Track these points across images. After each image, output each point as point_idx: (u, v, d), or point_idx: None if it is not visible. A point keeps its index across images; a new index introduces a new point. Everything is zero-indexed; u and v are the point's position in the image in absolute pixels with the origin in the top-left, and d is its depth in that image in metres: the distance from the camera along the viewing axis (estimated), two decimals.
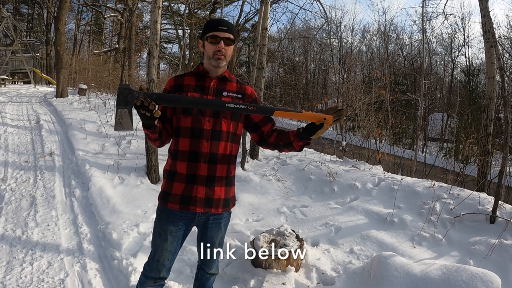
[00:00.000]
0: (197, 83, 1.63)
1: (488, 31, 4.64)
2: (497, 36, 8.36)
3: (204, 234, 1.72)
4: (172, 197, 1.62)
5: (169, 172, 1.66)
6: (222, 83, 1.65)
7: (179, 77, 1.67)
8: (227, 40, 1.57)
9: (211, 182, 1.61)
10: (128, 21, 15.36)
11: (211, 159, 1.60)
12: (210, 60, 1.58)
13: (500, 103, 9.55)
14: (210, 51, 1.57)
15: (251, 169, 4.83)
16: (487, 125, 4.67)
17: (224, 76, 1.65)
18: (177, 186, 1.62)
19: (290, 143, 1.62)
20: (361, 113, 6.21)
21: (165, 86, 1.67)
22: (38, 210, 3.56)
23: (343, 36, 26.91)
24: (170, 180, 1.64)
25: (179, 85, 1.63)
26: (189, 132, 1.58)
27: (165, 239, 1.64)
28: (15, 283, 2.34)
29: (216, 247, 1.75)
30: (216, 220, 1.69)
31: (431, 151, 13.90)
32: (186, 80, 1.65)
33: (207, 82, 1.63)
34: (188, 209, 1.61)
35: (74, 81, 19.78)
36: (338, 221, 3.31)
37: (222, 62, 1.58)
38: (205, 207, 1.62)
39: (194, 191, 1.60)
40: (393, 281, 2.19)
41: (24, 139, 6.43)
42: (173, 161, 1.64)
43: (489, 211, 3.12)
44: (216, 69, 1.61)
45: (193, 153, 1.59)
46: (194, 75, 1.66)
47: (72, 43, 29.72)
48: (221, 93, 1.63)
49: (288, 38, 22.34)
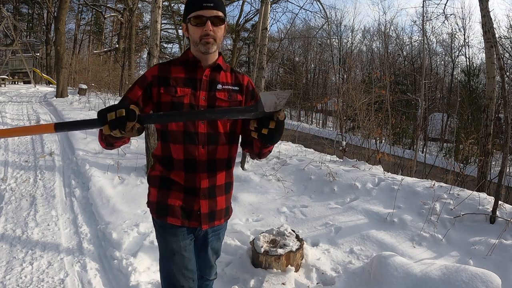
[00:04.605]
0: (187, 75, 1.35)
1: (488, 31, 4.64)
2: (497, 36, 8.35)
3: (204, 248, 1.53)
4: (171, 209, 1.37)
5: (162, 179, 1.39)
6: (216, 74, 1.38)
7: (164, 66, 1.37)
8: (215, 19, 1.27)
9: (213, 193, 1.40)
10: (128, 21, 15.36)
11: (210, 167, 1.37)
12: (197, 46, 1.30)
13: (500, 103, 9.55)
14: (196, 35, 1.29)
15: (251, 169, 4.83)
16: (487, 125, 4.67)
17: (218, 65, 1.38)
18: (174, 196, 1.37)
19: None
20: (361, 113, 6.21)
21: (145, 74, 1.37)
22: (38, 210, 3.56)
23: (343, 36, 26.94)
24: (164, 189, 1.39)
25: (165, 77, 1.34)
26: (181, 137, 1.32)
27: (182, 257, 1.40)
28: (15, 283, 2.34)
29: (215, 255, 1.60)
30: (216, 231, 1.51)
31: (431, 151, 13.90)
32: (173, 71, 1.35)
33: (199, 74, 1.35)
34: (190, 224, 1.39)
35: (74, 81, 19.81)
36: (338, 221, 3.31)
37: (212, 47, 1.30)
38: (210, 222, 1.42)
39: (196, 204, 1.38)
40: (393, 281, 2.19)
41: (24, 139, 6.43)
42: (164, 169, 1.39)
43: (489, 211, 3.12)
44: (206, 56, 1.33)
45: (189, 162, 1.35)
46: (183, 64, 1.37)
47: (72, 43, 29.75)
48: (215, 86, 1.36)
49: (288, 38, 22.35)
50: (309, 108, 23.48)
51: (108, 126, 1.06)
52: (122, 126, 1.06)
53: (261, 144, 1.26)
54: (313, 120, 24.14)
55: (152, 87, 1.33)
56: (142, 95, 1.33)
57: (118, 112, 1.06)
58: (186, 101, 1.32)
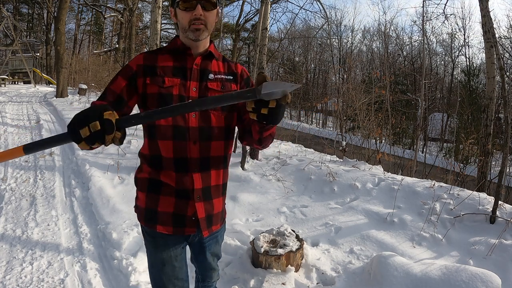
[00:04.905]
0: (175, 64, 1.23)
1: (488, 31, 4.64)
2: (497, 36, 8.35)
3: (201, 253, 1.42)
4: (161, 217, 1.25)
5: (151, 182, 1.27)
6: (207, 62, 1.26)
7: (150, 54, 1.25)
8: (206, 3, 1.17)
9: (208, 194, 1.27)
10: (128, 21, 15.36)
11: (203, 166, 1.24)
12: (186, 32, 1.19)
13: (500, 103, 9.56)
14: (185, 20, 1.17)
15: (251, 169, 4.83)
16: (487, 125, 4.67)
17: (209, 53, 1.27)
18: (165, 201, 1.25)
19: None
20: (361, 113, 6.21)
21: (129, 63, 1.24)
22: (38, 210, 3.56)
23: (343, 36, 26.95)
24: (153, 192, 1.26)
25: (151, 66, 1.21)
26: (170, 132, 1.19)
27: (173, 267, 1.32)
28: (15, 283, 2.34)
29: (216, 258, 1.49)
30: (213, 235, 1.38)
31: (431, 151, 13.91)
32: (160, 59, 1.23)
33: (189, 62, 1.23)
34: (184, 232, 1.27)
35: (74, 81, 19.82)
36: (338, 221, 3.31)
37: (203, 34, 1.18)
38: (208, 227, 1.30)
39: (190, 208, 1.24)
40: (393, 281, 2.19)
41: (24, 139, 6.43)
42: (153, 169, 1.26)
43: (489, 211, 3.12)
44: (196, 44, 1.22)
45: (180, 161, 1.22)
46: (170, 52, 1.25)
47: (72, 43, 29.77)
48: (207, 76, 1.24)
49: (288, 38, 22.36)
50: (309, 108, 23.49)
51: (84, 143, 0.92)
52: (101, 140, 0.92)
53: (260, 126, 1.12)
54: (313, 120, 24.15)
55: (137, 77, 1.21)
56: (126, 86, 1.20)
57: (92, 126, 0.90)
58: (175, 92, 1.20)
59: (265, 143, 1.24)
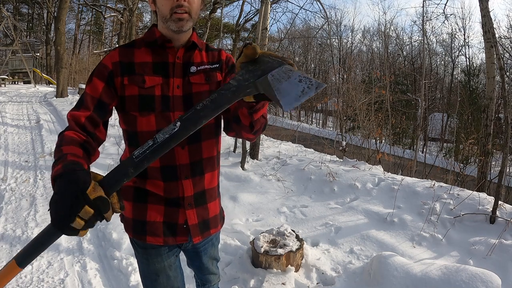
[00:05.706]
0: (155, 59, 1.07)
1: (488, 31, 4.65)
2: (497, 36, 8.36)
3: (197, 258, 1.34)
4: (150, 227, 1.14)
5: (137, 191, 1.14)
6: (190, 54, 1.11)
7: (125, 49, 1.08)
8: None
9: (201, 200, 1.17)
10: (128, 21, 15.35)
11: (194, 171, 1.13)
12: (166, 22, 1.02)
13: (500, 103, 9.57)
14: (165, 7, 1.00)
15: (251, 169, 4.83)
16: (487, 125, 4.67)
17: (192, 43, 1.10)
18: (154, 210, 1.13)
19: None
20: (361, 113, 6.22)
21: (103, 61, 1.07)
22: (38, 209, 3.56)
23: (343, 36, 26.97)
24: (140, 202, 1.14)
25: (128, 63, 1.05)
26: None
27: (168, 277, 1.23)
28: (15, 283, 2.34)
29: (214, 261, 1.42)
30: (207, 238, 1.27)
31: (431, 151, 13.92)
32: (137, 55, 1.07)
33: (170, 56, 1.08)
34: (176, 241, 1.17)
35: (74, 81, 19.81)
36: (338, 221, 3.31)
37: (187, 24, 1.02)
38: (203, 233, 1.20)
39: (181, 217, 1.14)
40: (393, 281, 2.19)
41: (24, 139, 6.44)
42: (138, 178, 1.11)
43: (489, 211, 3.12)
44: (178, 36, 1.06)
45: (167, 169, 1.09)
46: (148, 45, 1.08)
47: (72, 43, 29.75)
48: (188, 70, 1.09)
49: (288, 38, 22.34)
50: (309, 108, 23.49)
51: (83, 232, 0.71)
52: (100, 221, 0.73)
53: (249, 107, 0.95)
54: (313, 120, 24.15)
55: (114, 77, 1.04)
56: (105, 89, 1.04)
57: (83, 215, 0.69)
58: (158, 92, 1.05)
59: (258, 127, 1.05)
